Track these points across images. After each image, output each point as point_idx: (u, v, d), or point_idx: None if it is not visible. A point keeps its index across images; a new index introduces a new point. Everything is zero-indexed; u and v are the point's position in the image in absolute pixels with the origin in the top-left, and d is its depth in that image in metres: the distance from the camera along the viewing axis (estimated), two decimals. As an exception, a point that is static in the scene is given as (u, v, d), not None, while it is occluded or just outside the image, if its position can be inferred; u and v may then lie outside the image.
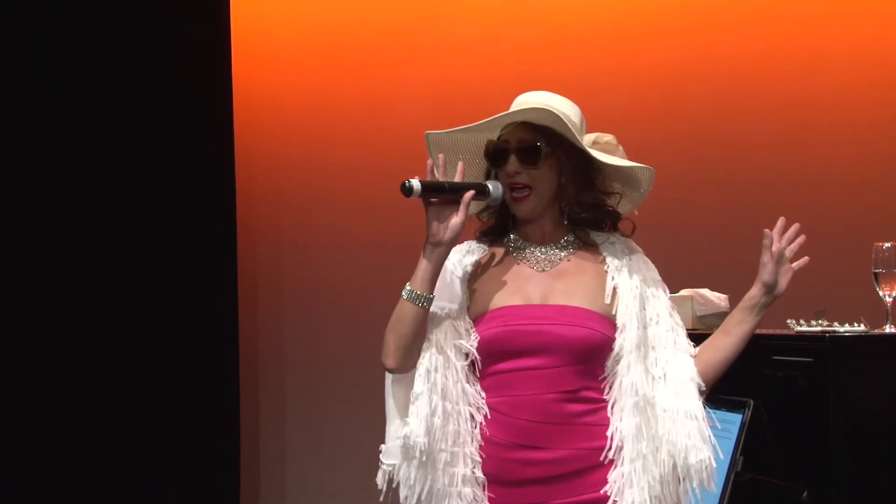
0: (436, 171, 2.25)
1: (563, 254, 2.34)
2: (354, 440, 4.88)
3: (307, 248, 4.97)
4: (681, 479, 2.22)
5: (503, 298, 2.29)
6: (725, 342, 2.33)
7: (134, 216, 4.62)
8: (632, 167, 2.36)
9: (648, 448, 2.21)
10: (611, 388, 2.25)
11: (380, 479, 2.34)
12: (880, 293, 3.04)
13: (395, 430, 2.35)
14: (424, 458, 2.23)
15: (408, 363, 2.31)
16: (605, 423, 2.24)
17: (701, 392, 2.28)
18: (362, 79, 4.95)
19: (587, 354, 2.24)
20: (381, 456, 2.35)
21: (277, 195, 4.99)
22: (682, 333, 2.33)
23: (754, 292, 2.38)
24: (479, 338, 2.28)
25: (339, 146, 4.96)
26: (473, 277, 2.35)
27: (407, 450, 2.25)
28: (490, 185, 2.28)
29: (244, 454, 4.81)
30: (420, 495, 2.25)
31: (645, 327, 2.28)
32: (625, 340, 2.25)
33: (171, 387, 4.60)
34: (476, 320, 2.30)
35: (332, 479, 4.89)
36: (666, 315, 2.31)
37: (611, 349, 2.26)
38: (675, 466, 2.21)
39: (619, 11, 4.89)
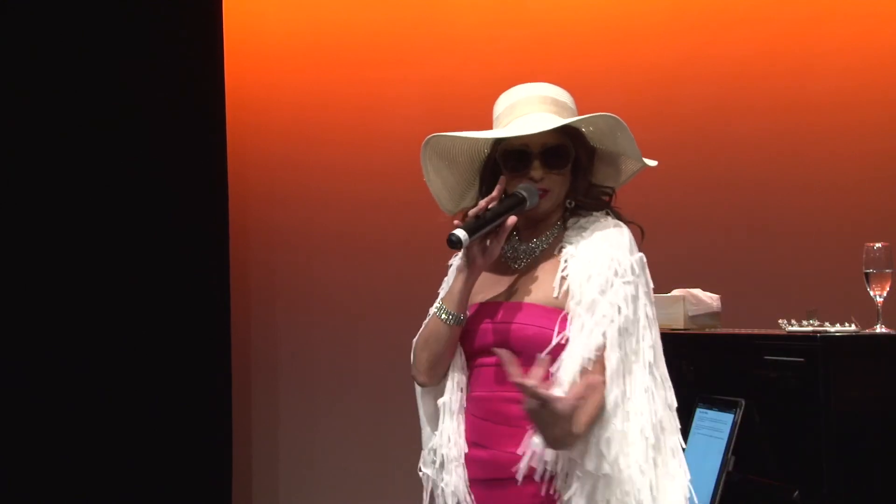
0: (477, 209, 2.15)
1: (538, 248, 2.24)
2: (347, 441, 4.89)
3: (300, 247, 4.97)
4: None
5: (475, 296, 2.25)
6: None
7: (126, 215, 4.61)
8: (642, 166, 2.28)
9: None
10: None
11: (426, 485, 2.31)
12: (871, 293, 3.05)
13: (429, 438, 2.31)
14: (457, 465, 2.19)
15: (439, 377, 2.26)
16: None
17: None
18: (355, 78, 4.95)
19: (527, 351, 2.13)
20: (420, 463, 2.31)
21: (270, 195, 4.98)
22: (590, 329, 2.08)
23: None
24: None
25: (332, 146, 4.96)
26: None
27: (440, 462, 2.22)
28: (524, 193, 2.16)
29: (236, 455, 4.80)
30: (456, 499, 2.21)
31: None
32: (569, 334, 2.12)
33: (163, 387, 4.59)
34: None
35: (325, 480, 4.89)
36: (587, 299, 2.10)
37: (560, 344, 2.12)
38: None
39: (612, 12, 4.89)
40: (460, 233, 2.08)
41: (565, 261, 2.17)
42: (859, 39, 4.79)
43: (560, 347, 2.11)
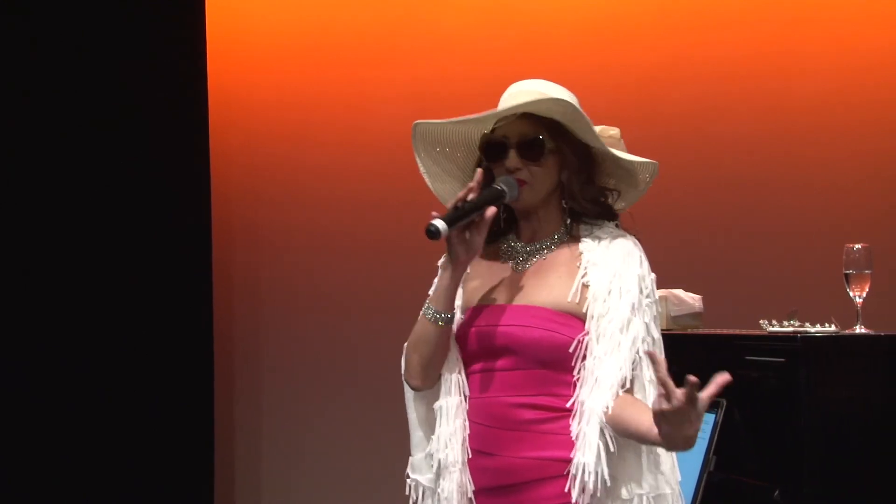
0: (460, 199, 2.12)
1: (544, 250, 2.21)
2: (331, 442, 4.89)
3: (283, 248, 4.96)
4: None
5: (475, 298, 2.22)
6: (636, 431, 2.04)
7: (108, 215, 4.60)
8: (642, 163, 2.25)
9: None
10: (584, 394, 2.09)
11: (409, 493, 2.28)
12: (851, 294, 3.07)
13: (419, 443, 2.27)
14: (456, 470, 2.15)
15: (433, 379, 2.21)
16: (566, 433, 2.10)
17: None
18: (340, 78, 4.94)
19: (545, 357, 2.11)
20: (408, 469, 2.27)
21: (253, 195, 4.97)
22: (628, 347, 2.09)
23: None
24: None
25: (316, 146, 4.95)
26: (467, 276, 2.26)
27: (437, 464, 2.17)
28: (503, 185, 2.14)
29: (218, 455, 4.79)
30: None
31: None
32: (594, 344, 2.10)
33: (145, 387, 4.57)
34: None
35: (308, 480, 4.89)
36: (621, 316, 2.10)
37: (578, 351, 2.11)
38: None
39: (599, 12, 4.91)
40: (438, 223, 2.05)
41: (585, 268, 2.15)
42: (845, 41, 4.81)
43: (578, 350, 2.11)
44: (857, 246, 3.07)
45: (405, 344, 2.27)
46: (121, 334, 4.58)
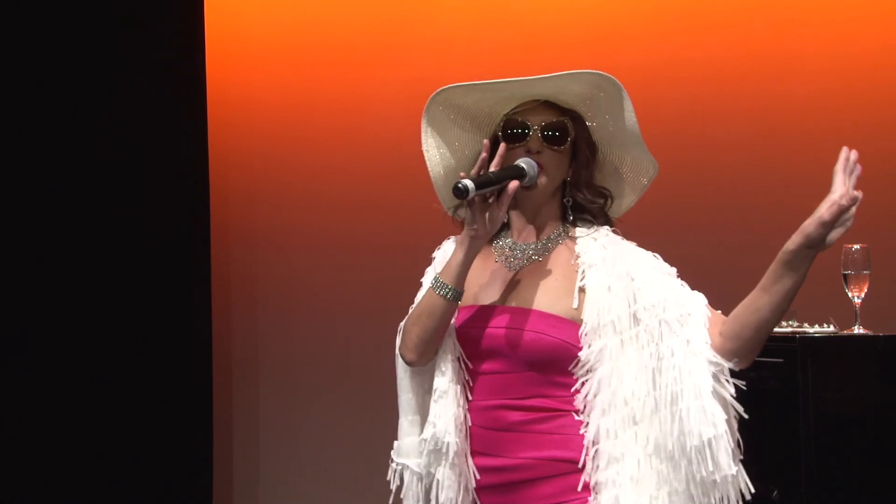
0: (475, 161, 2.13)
1: (539, 251, 2.19)
2: (328, 441, 4.89)
3: (281, 248, 4.96)
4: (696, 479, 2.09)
5: (467, 297, 2.19)
6: (764, 301, 2.18)
7: (106, 215, 4.59)
8: (645, 168, 2.34)
9: (649, 464, 2.06)
10: (593, 398, 2.08)
11: (391, 478, 2.24)
12: (849, 294, 3.08)
13: (410, 427, 2.24)
14: (457, 459, 2.13)
15: (427, 357, 2.17)
16: (563, 433, 2.10)
17: (719, 365, 2.13)
18: (339, 78, 4.94)
19: (537, 360, 2.10)
20: (392, 453, 2.24)
21: (252, 195, 4.97)
22: (689, 315, 2.21)
23: (791, 246, 2.14)
24: None
25: (314, 146, 4.95)
26: None
27: (437, 452, 2.14)
28: (524, 164, 2.13)
29: (217, 455, 4.79)
30: (456, 497, 2.14)
31: (636, 323, 2.11)
32: (594, 347, 2.09)
33: (144, 387, 4.57)
34: None
35: (306, 480, 4.89)
36: (658, 301, 2.16)
37: (574, 355, 2.10)
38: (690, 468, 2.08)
39: (595, 13, 4.91)
40: (467, 182, 2.03)
41: (583, 271, 2.15)
42: (840, 43, 4.81)
43: (573, 354, 2.10)
44: (856, 246, 3.08)
45: (401, 325, 2.23)
46: (119, 335, 4.57)
